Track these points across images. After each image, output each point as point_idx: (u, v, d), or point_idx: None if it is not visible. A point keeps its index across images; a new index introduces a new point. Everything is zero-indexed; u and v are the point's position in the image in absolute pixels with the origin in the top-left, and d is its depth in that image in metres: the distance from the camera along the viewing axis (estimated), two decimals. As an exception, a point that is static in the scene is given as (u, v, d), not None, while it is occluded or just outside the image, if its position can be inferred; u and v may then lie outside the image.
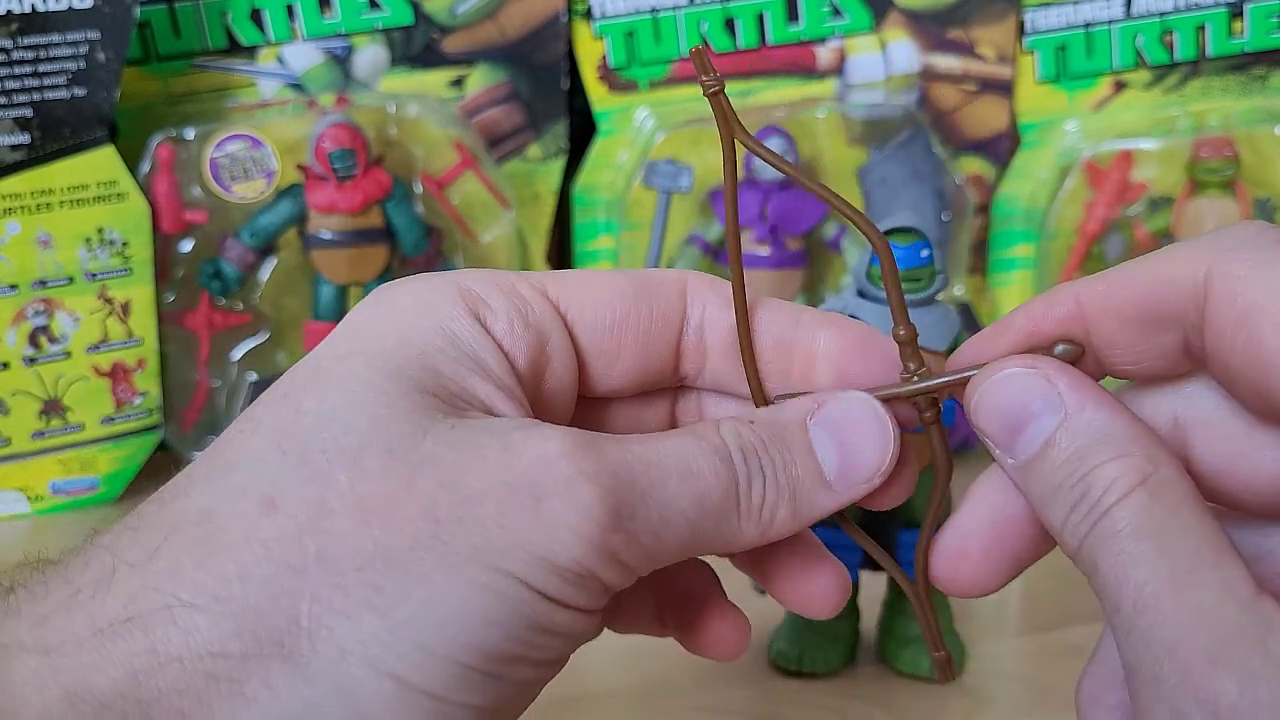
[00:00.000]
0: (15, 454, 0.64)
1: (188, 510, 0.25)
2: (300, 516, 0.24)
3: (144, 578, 0.24)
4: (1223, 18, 0.71)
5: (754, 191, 0.70)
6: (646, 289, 0.29)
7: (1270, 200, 0.70)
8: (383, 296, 0.28)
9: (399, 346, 0.26)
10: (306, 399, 0.25)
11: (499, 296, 0.27)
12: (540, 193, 0.73)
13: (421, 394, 0.25)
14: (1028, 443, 0.26)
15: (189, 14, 0.67)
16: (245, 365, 0.68)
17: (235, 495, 0.24)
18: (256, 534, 0.24)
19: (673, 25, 0.70)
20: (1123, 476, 0.24)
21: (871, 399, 0.28)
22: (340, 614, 0.23)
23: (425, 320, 0.27)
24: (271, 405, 0.26)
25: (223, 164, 0.65)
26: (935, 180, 0.70)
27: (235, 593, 0.23)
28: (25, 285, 0.62)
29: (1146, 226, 0.70)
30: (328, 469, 0.24)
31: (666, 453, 0.26)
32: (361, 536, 0.24)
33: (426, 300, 0.27)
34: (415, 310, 0.27)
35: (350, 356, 0.26)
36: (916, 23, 0.71)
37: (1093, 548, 0.24)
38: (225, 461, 0.25)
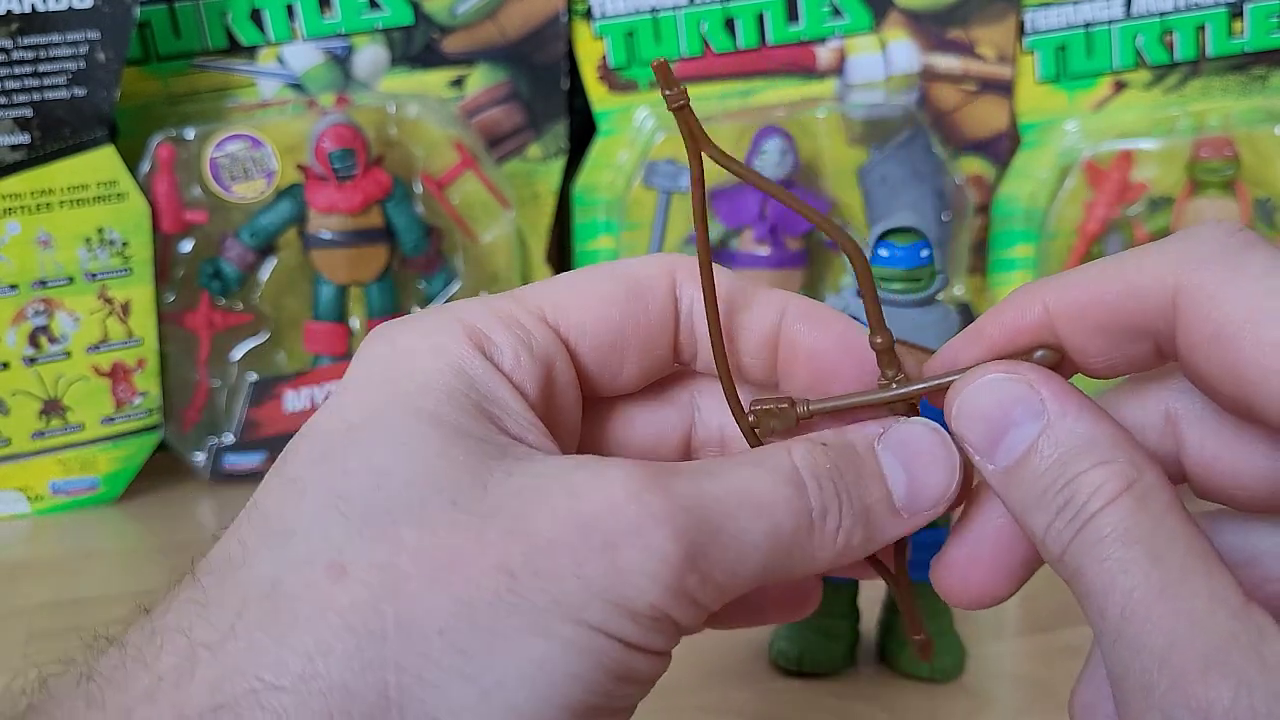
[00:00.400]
0: (15, 454, 0.64)
1: (254, 581, 0.24)
2: (373, 581, 0.23)
3: (224, 660, 0.23)
4: (1223, 18, 0.71)
5: (754, 192, 0.70)
6: (640, 294, 0.29)
7: (1270, 200, 0.70)
8: (389, 341, 0.27)
9: (424, 394, 0.26)
10: (351, 459, 0.25)
11: (501, 331, 0.27)
12: (540, 193, 0.73)
13: (466, 438, 0.25)
14: (1009, 449, 0.26)
15: (189, 14, 0.67)
16: (245, 365, 0.68)
17: (302, 564, 0.24)
18: (331, 604, 0.23)
19: (673, 25, 0.70)
20: (1108, 482, 0.24)
21: (936, 426, 0.28)
22: (429, 684, 0.23)
23: (440, 363, 0.26)
24: (313, 465, 0.25)
25: (223, 164, 0.65)
26: (935, 180, 0.70)
27: (319, 670, 0.23)
28: (25, 285, 0.62)
29: (1146, 226, 0.71)
30: (393, 528, 0.23)
31: (737, 485, 0.25)
32: (439, 597, 0.23)
33: (436, 343, 0.27)
34: (428, 354, 0.26)
35: (384, 409, 0.25)
36: (916, 23, 0.71)
37: (1077, 554, 0.24)
38: (283, 526, 0.24)
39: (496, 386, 0.26)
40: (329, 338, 0.68)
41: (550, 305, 0.28)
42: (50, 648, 0.54)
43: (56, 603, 0.56)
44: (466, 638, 0.23)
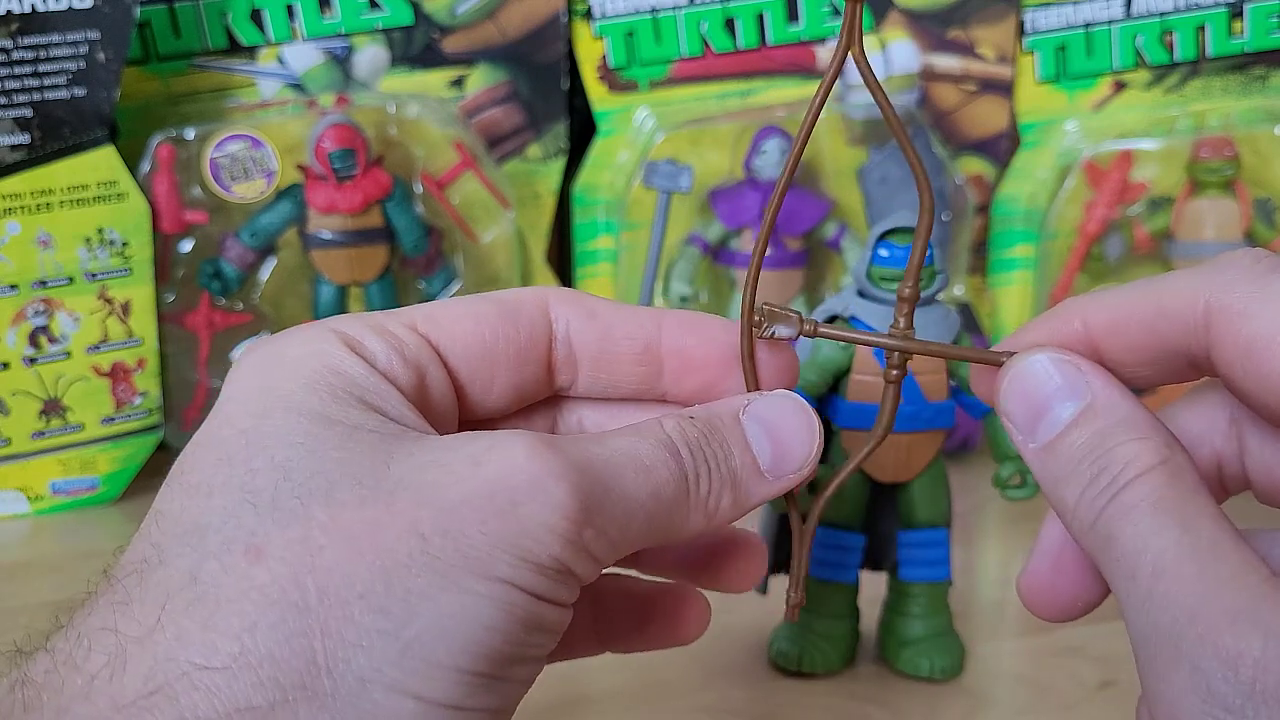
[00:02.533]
0: (15, 454, 0.64)
1: (173, 576, 0.25)
2: (290, 558, 0.24)
3: (155, 650, 0.24)
4: (1223, 18, 0.71)
5: (754, 191, 0.70)
6: (511, 312, 0.30)
7: (1270, 200, 0.70)
8: (265, 351, 0.28)
9: (310, 393, 0.27)
10: (254, 459, 0.26)
11: (373, 337, 0.28)
12: (540, 193, 0.73)
13: (358, 430, 0.26)
14: (1050, 425, 0.27)
15: (189, 14, 0.67)
16: (245, 365, 0.68)
17: (219, 552, 0.24)
18: (252, 583, 0.24)
19: (673, 25, 0.70)
20: (1143, 455, 0.25)
21: (797, 396, 0.30)
22: (353, 645, 0.24)
23: (318, 363, 0.27)
24: (215, 468, 0.26)
25: (223, 164, 0.65)
26: (935, 180, 0.70)
27: (248, 645, 0.24)
28: (25, 285, 0.62)
29: (1146, 226, 0.71)
30: (304, 510, 0.24)
31: (621, 449, 0.27)
32: (356, 565, 0.24)
33: (311, 349, 0.28)
34: (307, 358, 0.27)
35: (272, 412, 0.26)
36: (916, 23, 0.71)
37: (1110, 519, 0.25)
38: (195, 524, 0.25)
39: (375, 381, 0.27)
40: (329, 338, 0.68)
41: (422, 318, 0.29)
42: (50, 647, 0.54)
43: (56, 603, 0.56)
44: (384, 599, 0.24)
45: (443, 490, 0.25)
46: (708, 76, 0.72)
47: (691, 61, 0.71)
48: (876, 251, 0.43)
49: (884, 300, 0.42)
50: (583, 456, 0.26)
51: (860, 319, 0.43)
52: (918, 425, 0.44)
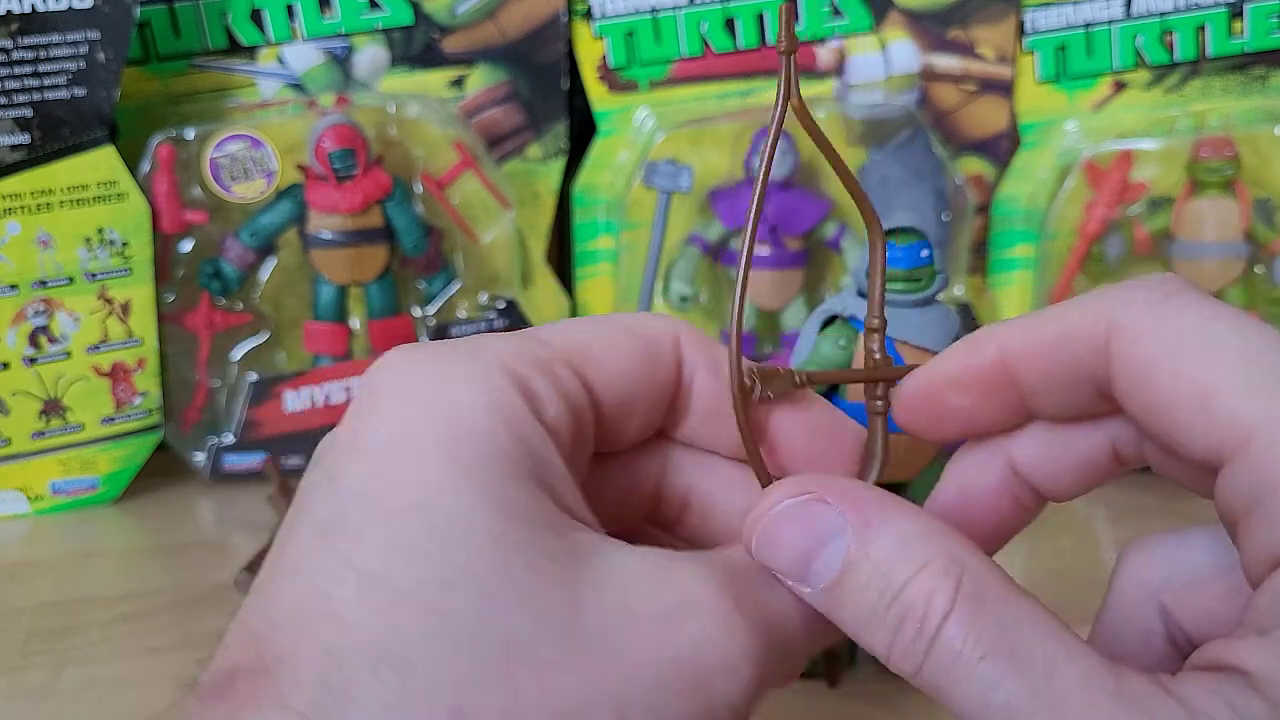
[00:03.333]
0: (15, 454, 0.64)
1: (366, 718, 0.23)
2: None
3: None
4: (1223, 18, 0.71)
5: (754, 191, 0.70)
6: (654, 353, 0.28)
7: (1270, 200, 0.70)
8: (427, 382, 0.26)
9: (489, 467, 0.24)
10: (441, 564, 0.24)
11: (544, 381, 0.26)
12: (540, 193, 0.73)
13: (541, 532, 0.24)
14: (824, 569, 0.25)
15: (189, 14, 0.67)
16: (245, 365, 0.68)
17: (424, 705, 0.23)
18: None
19: (673, 25, 0.70)
20: (937, 590, 0.24)
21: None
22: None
23: (497, 423, 0.25)
24: (395, 559, 0.24)
25: (223, 164, 0.65)
26: (935, 180, 0.70)
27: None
28: (25, 285, 0.62)
29: (1146, 226, 0.70)
30: (508, 670, 0.23)
31: (788, 602, 0.26)
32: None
33: (485, 396, 0.25)
34: (484, 411, 0.25)
35: (452, 491, 0.24)
36: (916, 23, 0.71)
37: (936, 673, 0.24)
38: (382, 642, 0.23)
39: (548, 450, 0.26)
40: (329, 338, 0.68)
41: (579, 353, 0.28)
42: (50, 647, 0.54)
43: (56, 603, 0.56)
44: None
45: (641, 662, 0.24)
46: (708, 76, 0.72)
47: (691, 61, 0.71)
48: None
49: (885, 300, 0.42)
50: (765, 622, 0.25)
51: (860, 319, 0.43)
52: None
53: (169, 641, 0.53)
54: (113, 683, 0.50)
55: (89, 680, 0.50)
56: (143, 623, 0.54)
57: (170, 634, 0.53)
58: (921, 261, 0.42)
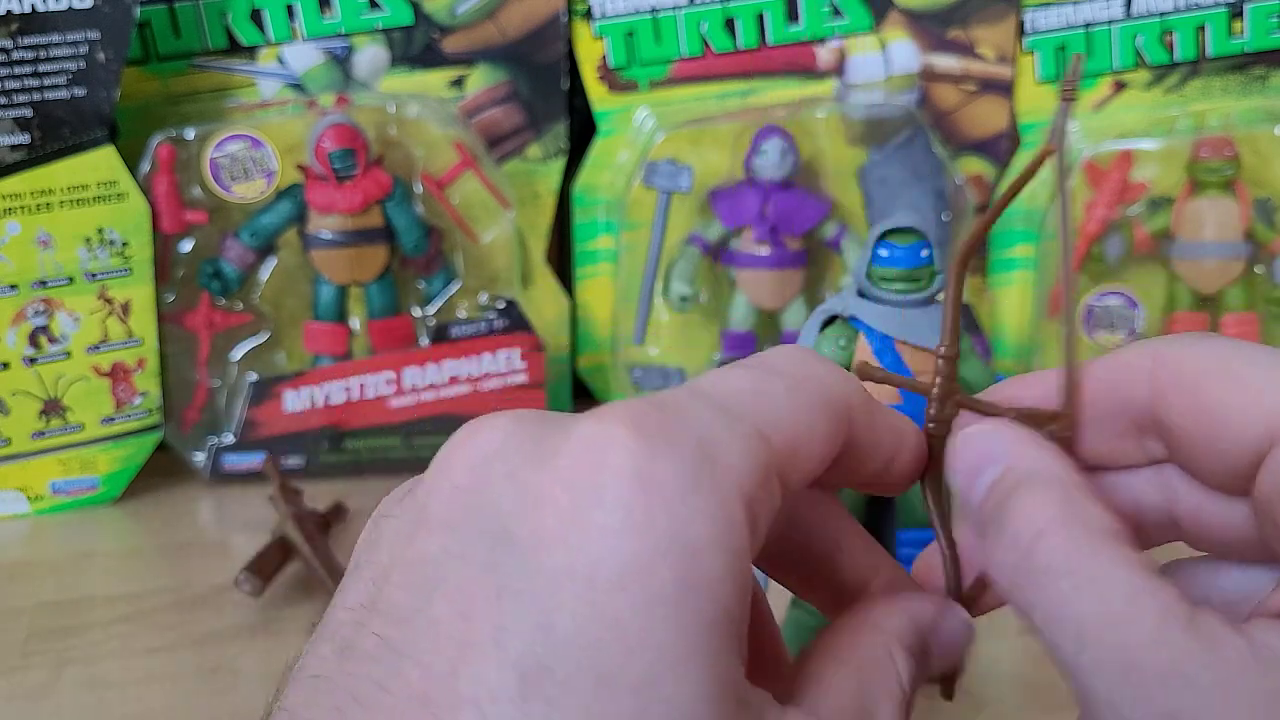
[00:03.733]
0: (15, 454, 0.64)
1: None
2: None
3: None
4: (1223, 18, 0.71)
5: (754, 191, 0.70)
6: (838, 431, 0.27)
7: (1270, 200, 0.70)
8: (671, 515, 0.22)
9: (715, 635, 0.22)
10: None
11: (764, 508, 0.24)
12: (540, 193, 0.73)
13: (736, 687, 0.23)
14: (978, 491, 0.27)
15: (189, 14, 0.67)
16: (245, 365, 0.68)
17: None
18: None
19: (673, 25, 0.70)
20: (1045, 509, 0.25)
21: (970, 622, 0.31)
22: None
23: (727, 575, 0.22)
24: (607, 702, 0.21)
25: (223, 164, 0.65)
26: (935, 180, 0.70)
27: None
28: (25, 285, 0.62)
29: (1146, 226, 0.70)
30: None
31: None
32: None
33: (726, 543, 0.22)
34: (719, 556, 0.22)
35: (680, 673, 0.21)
36: (916, 23, 0.71)
37: (1022, 586, 0.25)
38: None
39: (748, 591, 0.23)
40: (329, 338, 0.68)
41: (788, 454, 0.25)
42: (50, 647, 0.54)
43: (56, 603, 0.56)
44: None
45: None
46: (708, 76, 0.72)
47: (691, 61, 0.71)
48: (876, 251, 0.42)
49: (883, 300, 0.42)
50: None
51: (860, 319, 0.42)
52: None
53: (169, 641, 0.53)
54: (113, 683, 0.50)
55: (89, 680, 0.50)
56: (143, 623, 0.54)
57: (170, 634, 0.53)
58: (921, 261, 0.42)
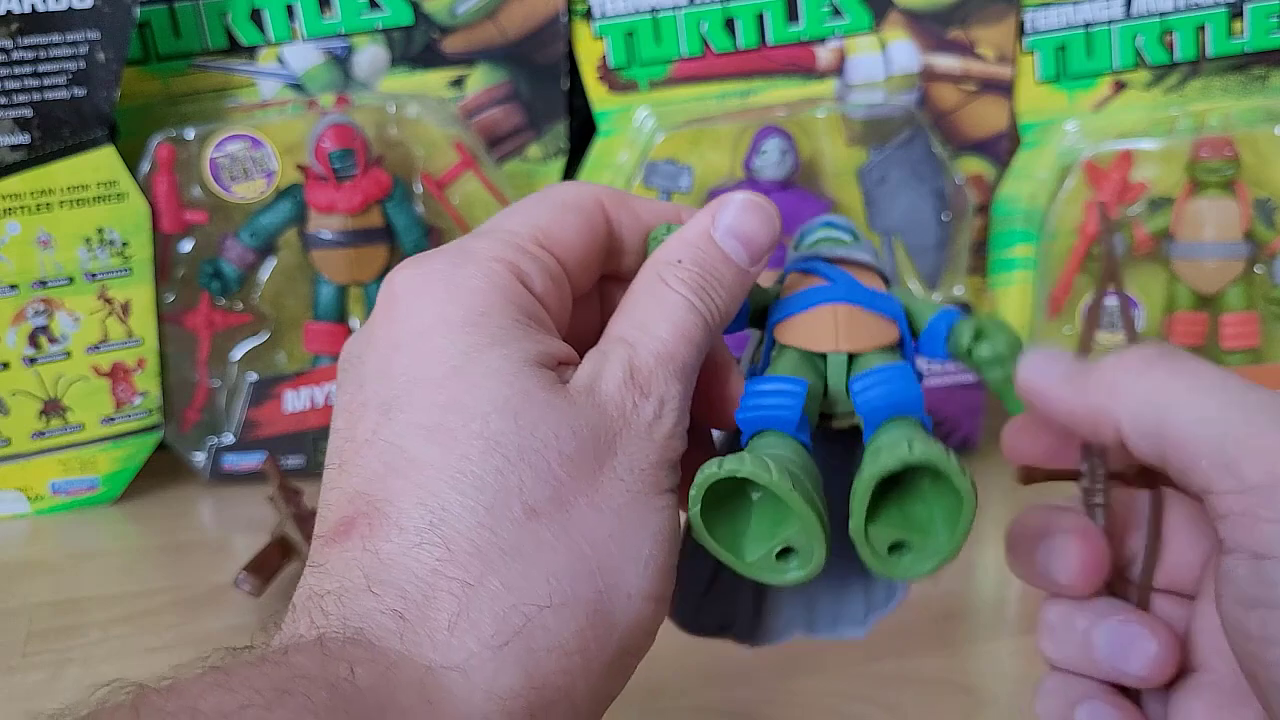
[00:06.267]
0: (15, 454, 0.64)
1: (470, 528, 0.30)
2: (557, 515, 0.30)
3: (494, 599, 0.29)
4: (1223, 18, 0.71)
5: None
6: (593, 222, 0.35)
7: (1270, 200, 0.70)
8: (437, 278, 0.32)
9: (500, 325, 0.31)
10: (481, 402, 0.31)
11: (527, 262, 0.33)
12: (540, 193, 0.73)
13: (541, 370, 0.31)
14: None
15: (189, 14, 0.67)
16: (245, 365, 0.68)
17: (501, 506, 0.30)
18: (541, 539, 0.30)
19: (673, 25, 0.70)
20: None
21: (751, 195, 0.36)
22: (618, 571, 0.31)
23: (500, 299, 0.32)
24: (449, 412, 0.30)
25: (223, 164, 0.65)
26: (935, 180, 0.70)
27: (556, 588, 0.30)
28: (25, 285, 0.62)
29: (1146, 226, 0.71)
30: (549, 469, 0.30)
31: (675, 332, 0.33)
32: (599, 514, 0.31)
33: (492, 283, 0.32)
34: (489, 292, 0.32)
35: (478, 350, 0.31)
36: (916, 23, 0.71)
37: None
38: (457, 471, 0.30)
39: (539, 312, 0.33)
40: (329, 338, 0.68)
41: (543, 235, 0.34)
42: (50, 647, 0.54)
43: (56, 602, 0.56)
44: (623, 532, 0.31)
45: (613, 436, 0.31)
46: (708, 76, 0.72)
47: (691, 61, 0.71)
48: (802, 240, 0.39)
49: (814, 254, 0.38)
50: (663, 363, 0.33)
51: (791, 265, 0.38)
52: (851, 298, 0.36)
53: (169, 641, 0.53)
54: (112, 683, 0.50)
55: (89, 680, 0.50)
56: (143, 623, 0.54)
57: (170, 634, 0.53)
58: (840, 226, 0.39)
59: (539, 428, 0.31)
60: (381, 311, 0.33)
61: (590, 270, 0.36)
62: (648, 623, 0.32)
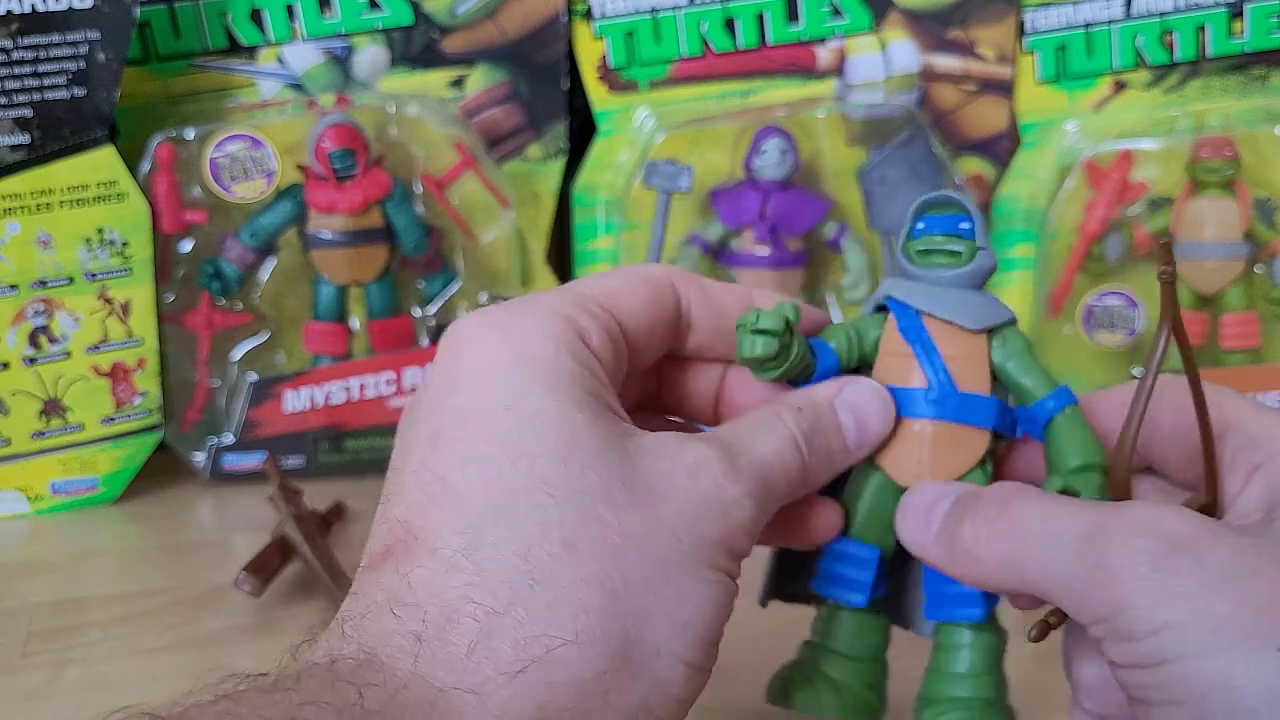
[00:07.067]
0: (15, 454, 0.64)
1: (505, 556, 0.30)
2: (597, 553, 0.30)
3: (517, 627, 0.29)
4: (1223, 18, 0.71)
5: (754, 191, 0.70)
6: (660, 291, 0.36)
7: (1270, 200, 0.70)
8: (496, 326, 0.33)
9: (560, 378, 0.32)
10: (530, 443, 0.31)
11: (587, 319, 0.34)
12: (540, 193, 0.73)
13: (603, 419, 0.32)
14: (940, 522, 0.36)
15: (189, 14, 0.67)
16: (245, 365, 0.68)
17: (539, 539, 0.30)
18: (577, 573, 0.30)
19: (673, 25, 0.70)
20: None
21: (877, 385, 0.37)
22: (649, 624, 0.30)
23: (556, 348, 0.33)
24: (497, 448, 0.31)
25: (223, 164, 0.65)
26: (935, 180, 0.70)
27: (584, 625, 0.29)
28: (25, 285, 0.62)
29: (1147, 226, 0.70)
30: (594, 509, 0.30)
31: (772, 453, 0.34)
32: (643, 561, 0.31)
33: (550, 333, 0.33)
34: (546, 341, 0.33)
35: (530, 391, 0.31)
36: (916, 23, 0.71)
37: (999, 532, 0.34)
38: (497, 504, 0.30)
39: (595, 368, 0.33)
40: (329, 338, 0.68)
41: (608, 297, 0.35)
42: (50, 647, 0.54)
43: (56, 602, 0.56)
44: (663, 588, 0.31)
45: (681, 500, 0.32)
46: (708, 76, 0.72)
47: (691, 61, 0.71)
48: (914, 225, 0.37)
49: (918, 276, 0.37)
50: (756, 469, 0.33)
51: (895, 298, 0.37)
52: (944, 414, 0.36)
53: (169, 641, 0.53)
54: (112, 683, 0.50)
55: (89, 680, 0.50)
56: (143, 623, 0.54)
57: (170, 634, 0.53)
58: (959, 231, 0.37)
59: (587, 474, 0.31)
60: (443, 355, 0.33)
61: (654, 341, 0.36)
62: (678, 687, 0.31)
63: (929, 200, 0.37)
